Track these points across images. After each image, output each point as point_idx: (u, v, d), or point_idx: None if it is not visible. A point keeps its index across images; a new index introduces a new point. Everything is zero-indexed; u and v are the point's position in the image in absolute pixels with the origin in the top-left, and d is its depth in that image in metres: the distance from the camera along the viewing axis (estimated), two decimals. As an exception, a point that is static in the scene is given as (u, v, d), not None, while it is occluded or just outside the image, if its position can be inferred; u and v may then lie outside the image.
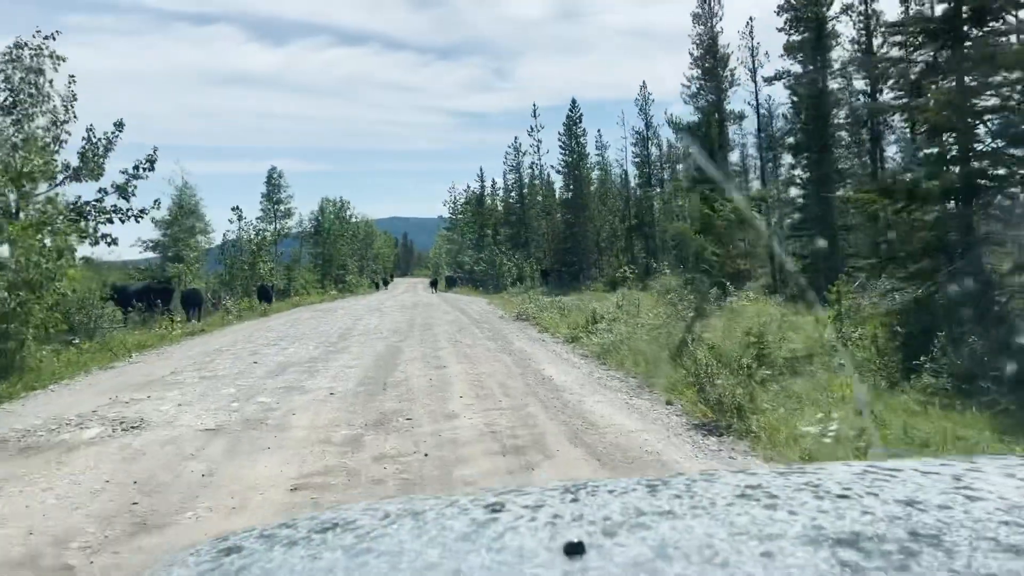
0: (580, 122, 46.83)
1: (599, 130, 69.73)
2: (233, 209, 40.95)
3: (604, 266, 45.55)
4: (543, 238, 51.20)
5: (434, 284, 58.77)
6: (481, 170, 62.20)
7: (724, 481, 1.02)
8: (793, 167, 27.92)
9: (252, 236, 36.71)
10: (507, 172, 54.87)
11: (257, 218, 57.28)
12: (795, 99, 26.30)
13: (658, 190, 46.41)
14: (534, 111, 49.93)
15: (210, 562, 0.93)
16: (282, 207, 57.21)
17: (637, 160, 47.47)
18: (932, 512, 0.84)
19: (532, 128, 50.44)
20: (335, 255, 53.40)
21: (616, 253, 44.73)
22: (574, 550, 0.78)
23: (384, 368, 11.64)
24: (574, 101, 49.58)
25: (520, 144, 54.94)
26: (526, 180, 55.00)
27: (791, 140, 27.82)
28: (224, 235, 37.94)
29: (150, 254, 32.49)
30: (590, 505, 0.95)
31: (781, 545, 0.77)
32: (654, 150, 47.56)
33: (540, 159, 50.73)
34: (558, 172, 47.72)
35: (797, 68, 26.02)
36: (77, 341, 14.25)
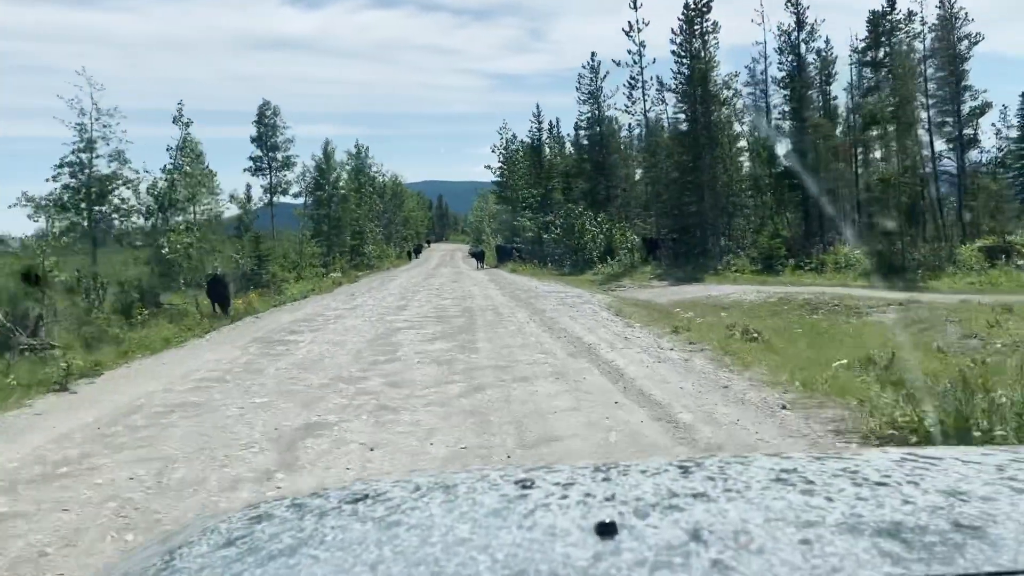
0: (708, 11, 30.97)
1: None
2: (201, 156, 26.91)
3: (735, 232, 30.77)
4: (646, 193, 36.42)
5: (479, 257, 44.53)
6: (539, 108, 46.60)
7: (759, 465, 0.98)
8: None
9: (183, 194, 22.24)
10: (581, 102, 39.93)
11: (246, 170, 43.67)
12: None
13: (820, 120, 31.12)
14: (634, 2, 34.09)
15: (241, 529, 0.94)
16: (279, 155, 43.23)
17: (785, 80, 32.15)
18: (975, 503, 0.81)
19: (631, 26, 34.80)
20: (345, 218, 38.92)
21: (767, 214, 29.80)
22: (606, 530, 0.77)
23: None
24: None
25: (598, 62, 39.86)
26: (609, 113, 40.06)
27: None
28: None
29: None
30: (622, 485, 0.92)
31: (819, 532, 0.74)
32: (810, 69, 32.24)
33: (641, 73, 35.08)
34: (668, 91, 32.38)
35: None
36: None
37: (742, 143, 32.13)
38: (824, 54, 33.07)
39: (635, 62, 34.98)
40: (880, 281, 23.13)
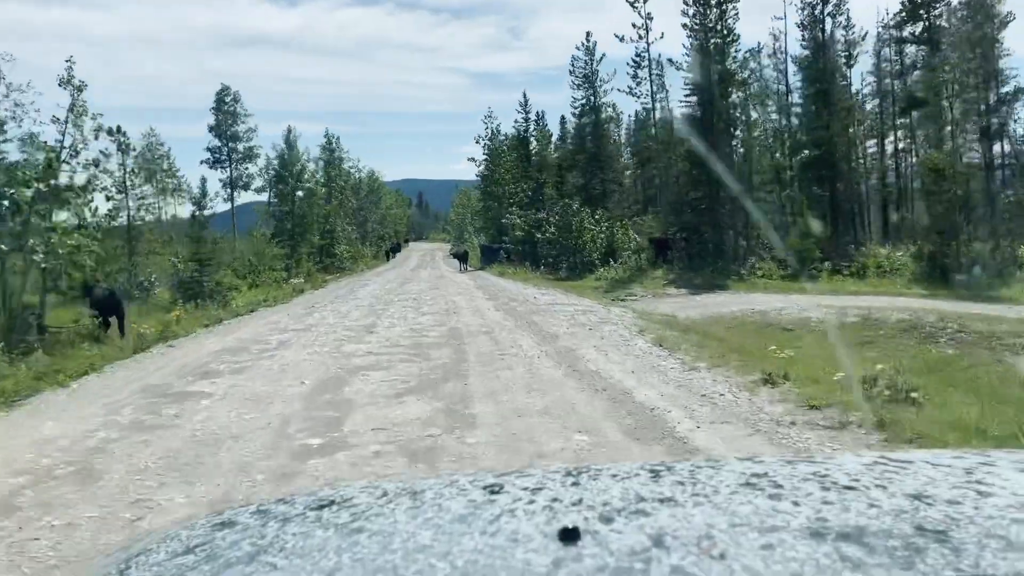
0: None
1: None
2: (111, 133, 22.69)
3: (752, 231, 27.04)
4: (642, 188, 32.62)
5: (461, 257, 40.52)
6: (525, 98, 42.70)
7: (729, 468, 0.98)
8: None
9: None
10: (575, 87, 36.01)
11: (203, 162, 39.25)
12: None
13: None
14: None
15: (202, 536, 0.93)
16: (240, 146, 38.93)
17: (807, 59, 28.45)
18: (940, 507, 0.81)
19: None
20: (312, 216, 34.50)
21: (794, 210, 26.05)
22: (569, 536, 0.76)
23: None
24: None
25: (593, 43, 35.99)
26: (605, 101, 36.21)
27: None
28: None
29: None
30: (590, 489, 0.92)
31: (782, 537, 0.74)
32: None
33: (648, 50, 31.07)
34: (678, 68, 28.32)
35: None
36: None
37: (757, 132, 28.33)
38: (849, 32, 29.48)
39: (640, 36, 31.20)
40: (941, 289, 19.50)
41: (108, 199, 17.25)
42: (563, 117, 60.18)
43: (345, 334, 13.16)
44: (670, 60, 30.62)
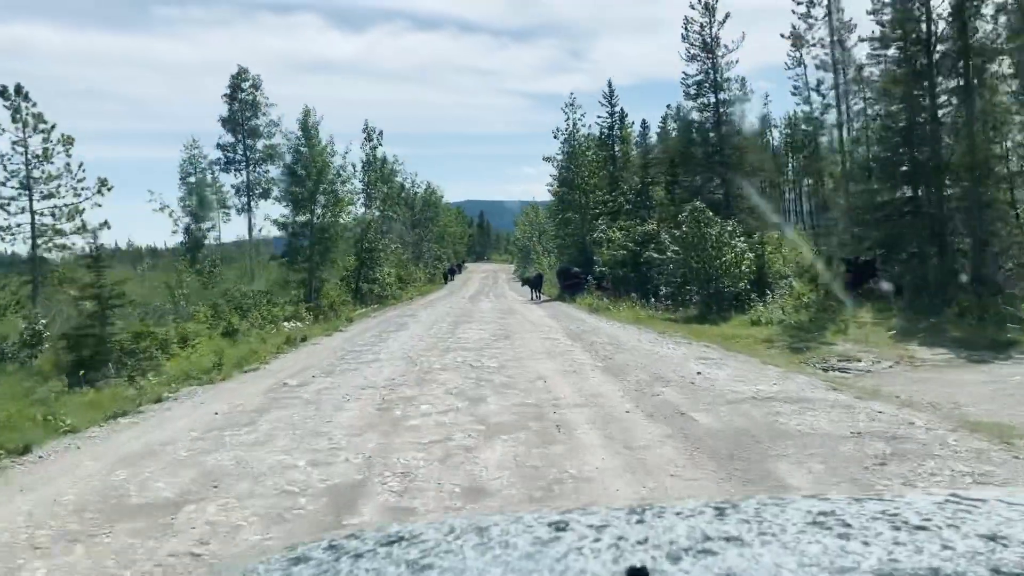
0: None
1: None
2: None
3: (1000, 238, 17.40)
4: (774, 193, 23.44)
5: (534, 284, 31.90)
6: (610, 86, 33.73)
7: (796, 507, 0.96)
8: None
9: None
10: (688, 58, 27.03)
11: (213, 163, 31.61)
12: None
13: None
14: None
15: (279, 571, 0.94)
16: (260, 144, 31.25)
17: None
18: (1017, 548, 0.78)
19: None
20: (335, 231, 25.55)
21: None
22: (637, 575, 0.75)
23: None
24: None
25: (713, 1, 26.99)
26: (730, 75, 27.13)
27: None
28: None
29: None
30: (656, 528, 0.91)
31: None
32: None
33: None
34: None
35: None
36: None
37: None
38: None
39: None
40: None
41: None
42: (644, 120, 51.09)
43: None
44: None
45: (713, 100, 26.79)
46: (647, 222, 23.18)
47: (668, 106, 31.32)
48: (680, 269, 18.97)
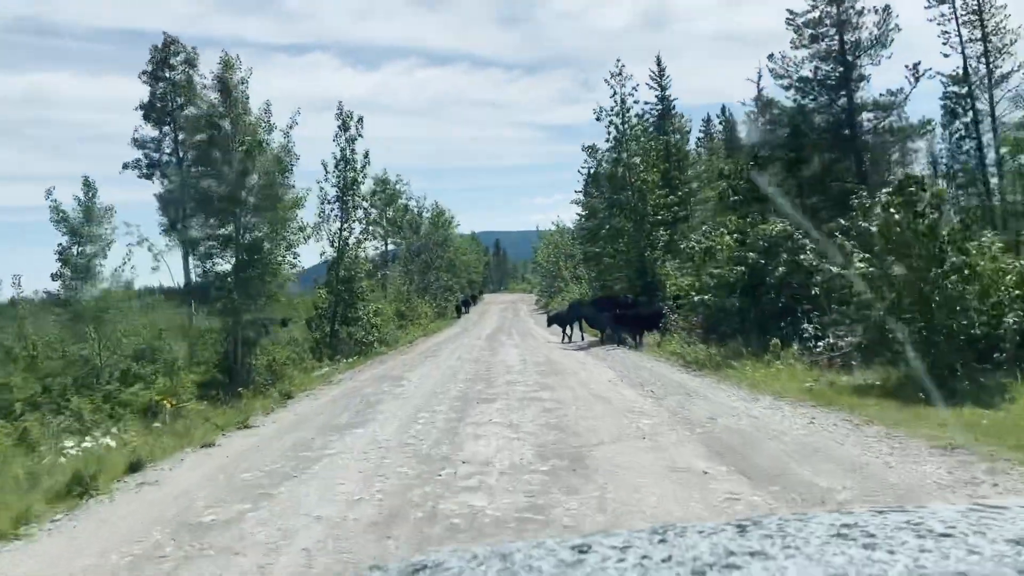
0: None
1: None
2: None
3: None
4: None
5: (563, 321, 23.31)
6: (659, 62, 24.90)
7: (817, 521, 0.97)
8: None
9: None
10: (796, 28, 18.57)
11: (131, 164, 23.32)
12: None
13: None
14: None
15: None
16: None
17: None
18: None
19: None
20: (273, 263, 16.54)
21: None
22: None
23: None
24: None
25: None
26: (858, 20, 18.62)
27: None
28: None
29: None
30: (678, 546, 0.91)
31: None
32: None
33: None
34: None
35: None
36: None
37: None
38: None
39: None
40: None
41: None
42: (708, 115, 42.93)
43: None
44: None
45: (839, 71, 18.02)
46: (769, 221, 14.50)
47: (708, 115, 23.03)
48: (877, 296, 10.05)
